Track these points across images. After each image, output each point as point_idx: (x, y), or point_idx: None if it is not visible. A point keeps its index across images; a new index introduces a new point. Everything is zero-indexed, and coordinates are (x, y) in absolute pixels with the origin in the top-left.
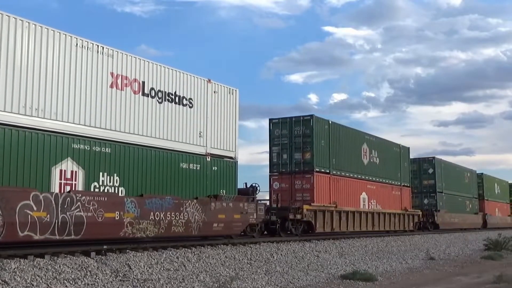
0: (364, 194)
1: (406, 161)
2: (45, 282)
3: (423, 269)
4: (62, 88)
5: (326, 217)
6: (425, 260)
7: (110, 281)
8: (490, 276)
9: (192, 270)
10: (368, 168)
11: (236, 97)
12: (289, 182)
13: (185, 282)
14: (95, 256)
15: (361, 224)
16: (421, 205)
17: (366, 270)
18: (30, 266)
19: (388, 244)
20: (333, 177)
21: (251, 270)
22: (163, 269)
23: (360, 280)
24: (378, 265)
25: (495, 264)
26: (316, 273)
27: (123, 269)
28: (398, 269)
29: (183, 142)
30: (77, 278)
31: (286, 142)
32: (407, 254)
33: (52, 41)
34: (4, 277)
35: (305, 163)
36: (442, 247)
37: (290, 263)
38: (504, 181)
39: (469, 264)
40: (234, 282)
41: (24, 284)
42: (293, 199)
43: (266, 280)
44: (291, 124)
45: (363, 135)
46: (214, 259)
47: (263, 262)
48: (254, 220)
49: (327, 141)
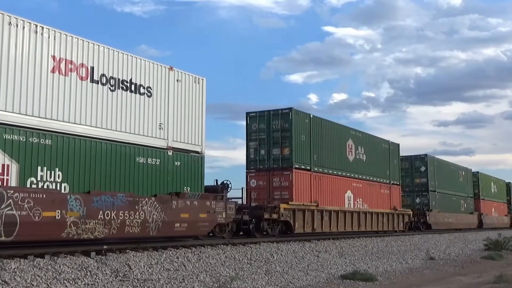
0: (349, 193)
1: (395, 158)
2: (45, 282)
3: (423, 269)
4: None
5: (306, 216)
6: (425, 260)
7: (110, 281)
8: (490, 276)
9: (192, 270)
10: (353, 165)
11: (203, 86)
12: (266, 180)
13: (185, 282)
14: (95, 256)
15: (346, 224)
16: (413, 204)
17: (366, 270)
18: (30, 266)
19: (388, 244)
20: (315, 174)
21: (251, 270)
22: (163, 269)
23: (360, 280)
24: (378, 265)
25: (495, 264)
26: (316, 273)
27: (123, 269)
28: (398, 269)
29: (140, 134)
30: (77, 278)
31: (264, 137)
32: (407, 254)
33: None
34: (4, 277)
35: (283, 159)
36: (442, 247)
37: (290, 263)
38: (501, 180)
39: (469, 264)
40: (234, 282)
41: (24, 284)
42: (271, 198)
43: (266, 280)
44: (269, 118)
45: (348, 130)
46: (214, 259)
47: (263, 262)
48: (223, 219)
49: (307, 136)
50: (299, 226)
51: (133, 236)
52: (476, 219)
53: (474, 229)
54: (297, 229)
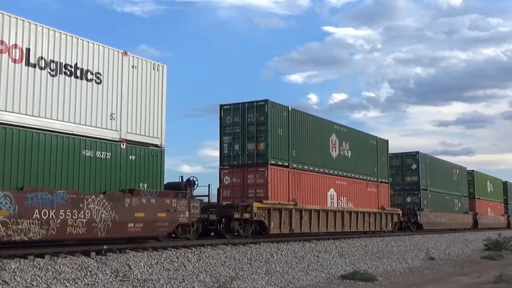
0: (332, 191)
1: (384, 155)
2: (45, 282)
3: (423, 269)
4: None
5: (283, 216)
6: (425, 260)
7: (110, 281)
8: (490, 276)
9: (192, 270)
10: (337, 161)
11: (163, 74)
12: (241, 177)
13: (185, 282)
14: (95, 256)
15: (328, 224)
16: (404, 203)
17: (366, 270)
18: (30, 266)
19: (388, 244)
20: (293, 171)
21: (251, 270)
22: (163, 269)
23: (360, 280)
24: (378, 265)
25: (495, 264)
26: (316, 273)
27: (123, 269)
28: (398, 269)
29: (87, 125)
30: (77, 278)
31: (238, 131)
32: (407, 254)
33: None
34: (4, 277)
35: (258, 155)
36: (442, 247)
37: (290, 263)
38: (497, 179)
39: (469, 264)
40: (234, 282)
41: (24, 284)
42: (245, 196)
43: (266, 280)
44: (244, 111)
45: (331, 124)
46: (214, 259)
47: (263, 262)
48: (185, 219)
49: (285, 130)
50: (275, 226)
51: (77, 238)
52: (471, 219)
53: (469, 229)
54: (272, 230)
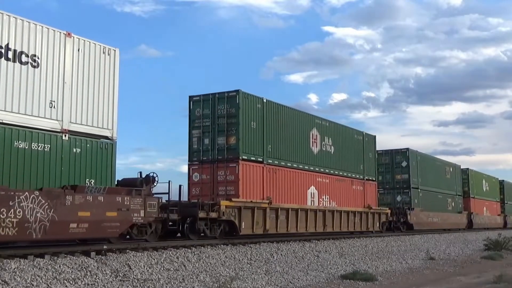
0: (313, 189)
1: (371, 151)
2: (45, 282)
3: (423, 269)
4: None
5: (256, 215)
6: (425, 260)
7: (110, 281)
8: (490, 276)
9: (192, 270)
10: (318, 157)
11: (114, 59)
12: (211, 173)
13: (185, 282)
14: (95, 256)
15: (308, 225)
16: (394, 202)
17: (366, 270)
18: (30, 266)
19: (388, 244)
20: (269, 167)
21: (251, 270)
22: (163, 269)
23: (360, 280)
24: (378, 265)
25: (495, 264)
26: (316, 273)
27: (123, 269)
28: (398, 269)
29: (20, 113)
30: (77, 278)
31: (208, 124)
32: (407, 254)
33: None
34: (4, 277)
35: (229, 150)
36: (442, 247)
37: (290, 263)
38: (493, 177)
39: (469, 264)
40: (234, 282)
41: (24, 284)
42: (215, 194)
43: (266, 280)
44: (214, 102)
45: (312, 118)
46: (214, 259)
47: (263, 262)
48: (140, 219)
49: (260, 123)
50: (246, 226)
51: (7, 240)
52: (465, 218)
53: (464, 229)
54: (243, 230)
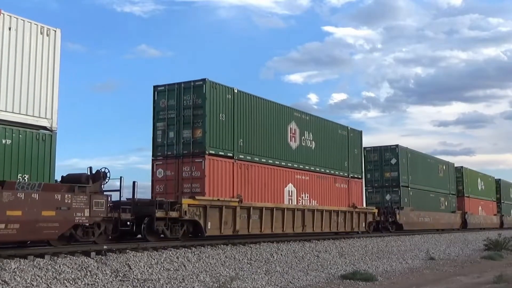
0: (291, 187)
1: (356, 147)
2: (45, 282)
3: (423, 269)
4: None
5: (225, 215)
6: (425, 260)
7: (110, 281)
8: (490, 276)
9: (192, 270)
10: (297, 153)
11: (55, 40)
12: (175, 169)
13: (185, 282)
14: (95, 256)
15: (285, 225)
16: (383, 201)
17: (366, 270)
18: (30, 266)
19: (388, 244)
20: (240, 163)
21: (251, 270)
22: (163, 269)
23: (360, 280)
24: (378, 265)
25: (495, 264)
26: (316, 273)
27: (123, 269)
28: (398, 269)
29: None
30: (77, 278)
31: (173, 116)
32: (407, 254)
33: None
34: (4, 277)
35: (195, 144)
36: (442, 247)
37: (290, 263)
38: (489, 176)
39: (469, 264)
40: (234, 282)
41: (24, 284)
42: (179, 191)
43: (266, 280)
44: (180, 92)
45: (290, 111)
46: (214, 259)
47: (263, 262)
48: (84, 219)
49: (230, 115)
50: (213, 227)
51: None
52: (459, 218)
53: (458, 229)
54: (210, 231)
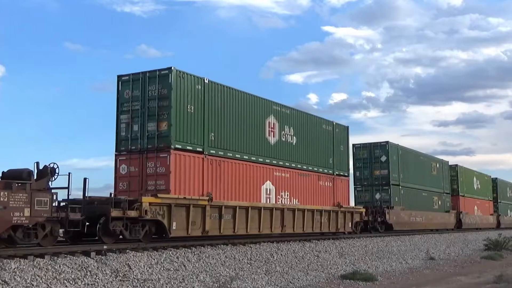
0: (269, 184)
1: (343, 143)
2: (45, 282)
3: (423, 269)
4: None
5: (193, 215)
6: (425, 260)
7: (110, 281)
8: (490, 276)
9: (192, 270)
10: (276, 149)
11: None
12: (139, 165)
13: (185, 282)
14: (95, 256)
15: (262, 225)
16: (372, 200)
17: (366, 270)
18: (30, 266)
19: (388, 244)
20: (211, 158)
21: (251, 270)
22: (163, 269)
23: (360, 280)
24: (378, 265)
25: (495, 264)
26: (316, 273)
27: (123, 269)
28: (398, 269)
29: None
30: (77, 278)
31: (137, 108)
32: (407, 254)
33: None
34: (4, 277)
35: (160, 137)
36: (442, 247)
37: (290, 263)
38: (485, 175)
39: (469, 264)
40: (234, 282)
41: (24, 284)
42: (143, 189)
43: (266, 280)
44: (145, 82)
45: (268, 104)
46: (214, 259)
47: (263, 262)
48: (24, 219)
49: (200, 107)
50: (179, 227)
51: None
52: (453, 218)
53: (452, 229)
54: (174, 232)
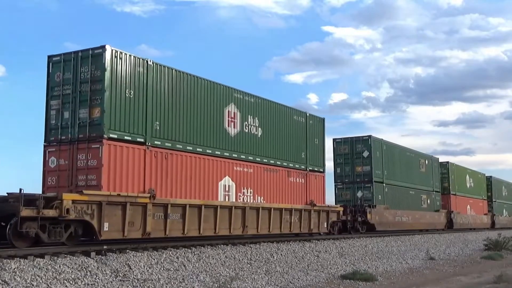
0: (228, 180)
1: (317, 136)
2: (45, 282)
3: (423, 269)
4: None
5: (130, 214)
6: (425, 260)
7: (110, 281)
8: (490, 276)
9: (192, 270)
10: (237, 141)
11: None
12: (70, 157)
13: (185, 282)
14: (95, 256)
15: (218, 226)
16: (354, 199)
17: (366, 270)
18: (30, 266)
19: (388, 244)
20: (155, 150)
21: (251, 270)
22: (163, 269)
23: (360, 280)
24: (378, 265)
25: (495, 264)
26: (316, 273)
27: (123, 269)
28: (398, 269)
29: None
30: (77, 278)
31: (69, 93)
32: (407, 254)
33: None
34: (4, 277)
35: (92, 126)
36: (442, 247)
37: (290, 263)
38: (479, 173)
39: (469, 264)
40: (234, 282)
41: (24, 284)
42: (73, 184)
43: (266, 280)
44: (77, 63)
45: (228, 91)
46: (214, 259)
47: (263, 262)
48: None
49: (141, 92)
50: (113, 228)
51: None
52: (443, 218)
53: (443, 230)
54: (106, 234)
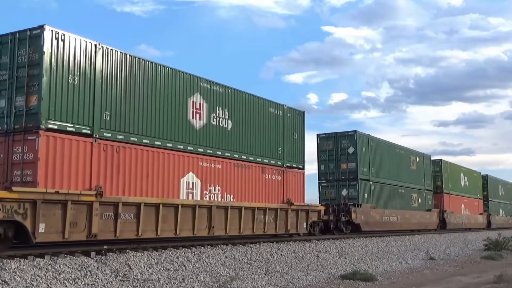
0: (192, 177)
1: (296, 130)
2: (45, 282)
3: (423, 269)
4: None
5: (72, 214)
6: (425, 260)
7: (110, 281)
8: (490, 276)
9: (192, 270)
10: (203, 134)
11: None
12: (5, 150)
13: (185, 282)
14: (95, 256)
15: (180, 226)
16: (338, 197)
17: (366, 270)
18: (30, 266)
19: (388, 244)
20: (104, 143)
21: (251, 270)
22: (163, 269)
23: (360, 280)
24: (378, 265)
25: (495, 264)
26: (316, 273)
27: (123, 269)
28: (398, 269)
29: None
30: (77, 278)
31: (5, 79)
32: (407, 254)
33: None
34: (4, 277)
35: (29, 115)
36: (442, 247)
37: (290, 263)
38: (474, 171)
39: (469, 264)
40: (234, 282)
41: (24, 284)
42: (8, 181)
43: (266, 280)
44: (14, 45)
45: (193, 80)
46: (214, 259)
47: (263, 262)
48: None
49: (88, 78)
50: (50, 230)
51: None
52: (435, 217)
53: (435, 230)
54: (42, 236)
